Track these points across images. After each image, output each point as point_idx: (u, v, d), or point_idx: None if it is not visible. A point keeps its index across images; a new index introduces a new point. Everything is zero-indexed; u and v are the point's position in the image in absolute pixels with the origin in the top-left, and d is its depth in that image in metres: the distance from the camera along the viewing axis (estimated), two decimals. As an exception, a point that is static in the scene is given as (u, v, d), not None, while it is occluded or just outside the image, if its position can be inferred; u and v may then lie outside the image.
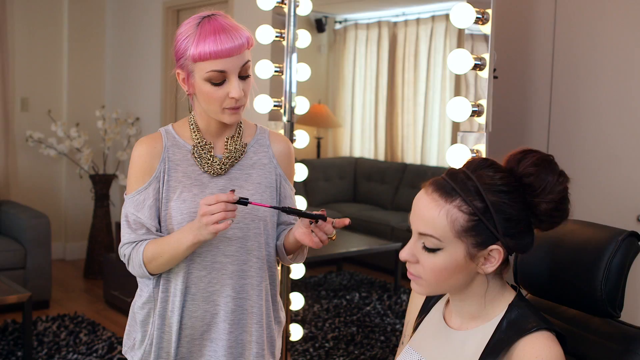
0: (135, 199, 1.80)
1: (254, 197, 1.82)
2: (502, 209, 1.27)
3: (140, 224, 1.79)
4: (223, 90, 1.72)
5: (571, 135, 2.86)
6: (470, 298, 1.36)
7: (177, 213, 1.78)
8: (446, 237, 1.29)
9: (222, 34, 1.69)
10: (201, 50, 1.68)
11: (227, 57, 1.69)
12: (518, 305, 1.33)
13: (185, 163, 1.81)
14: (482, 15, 2.28)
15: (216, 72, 1.70)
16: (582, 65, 2.82)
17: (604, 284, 1.36)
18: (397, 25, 6.00)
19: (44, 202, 6.03)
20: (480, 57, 2.30)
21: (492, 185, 1.27)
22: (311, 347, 4.10)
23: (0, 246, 4.79)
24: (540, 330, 1.28)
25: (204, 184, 1.80)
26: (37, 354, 4.01)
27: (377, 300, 4.96)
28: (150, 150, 1.81)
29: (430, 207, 1.30)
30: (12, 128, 5.84)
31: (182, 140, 1.84)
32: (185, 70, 1.74)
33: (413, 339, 1.48)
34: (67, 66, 6.20)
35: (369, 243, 5.61)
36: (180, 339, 1.83)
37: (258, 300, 1.85)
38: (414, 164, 5.90)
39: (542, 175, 1.28)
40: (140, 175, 1.80)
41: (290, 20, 2.85)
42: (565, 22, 2.87)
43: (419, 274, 1.34)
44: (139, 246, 1.79)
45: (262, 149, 1.89)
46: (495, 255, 1.29)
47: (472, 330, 1.35)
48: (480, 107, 2.31)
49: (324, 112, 6.37)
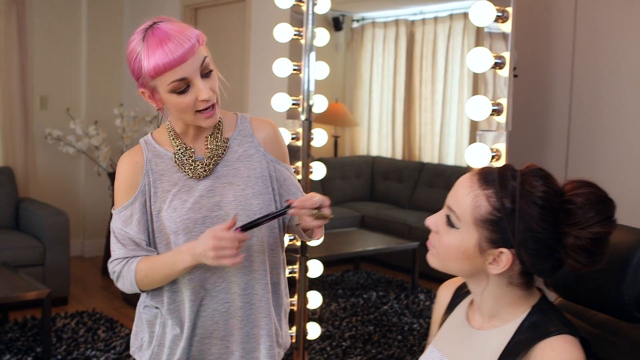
0: (122, 214, 1.78)
1: (245, 190, 1.78)
2: (528, 220, 1.24)
3: (129, 239, 1.78)
4: (191, 96, 1.67)
5: (592, 135, 2.83)
6: (485, 293, 1.35)
7: (170, 222, 1.76)
8: (465, 219, 1.29)
9: (169, 43, 1.63)
10: (154, 65, 1.62)
11: (181, 63, 1.63)
12: (541, 307, 1.32)
13: (169, 171, 1.79)
14: (502, 14, 2.26)
15: (177, 81, 1.64)
16: (603, 64, 2.80)
17: (631, 287, 1.33)
18: (414, 23, 5.98)
19: (62, 199, 6.07)
20: (500, 55, 2.28)
21: (530, 194, 1.25)
22: (328, 345, 4.10)
23: (20, 243, 4.83)
24: (562, 334, 1.25)
25: (192, 188, 1.77)
26: (55, 350, 4.04)
27: (395, 300, 4.95)
28: (131, 165, 1.79)
29: (465, 186, 1.31)
30: (32, 126, 5.88)
31: (163, 149, 1.81)
32: (148, 87, 1.70)
33: (437, 338, 1.48)
34: (85, 64, 6.24)
35: (386, 242, 5.60)
36: (191, 339, 1.81)
37: (264, 293, 1.83)
38: (432, 162, 5.88)
39: (586, 209, 1.24)
40: (125, 191, 1.79)
41: (309, 19, 2.85)
42: (585, 20, 2.84)
43: (435, 243, 1.36)
44: (130, 263, 1.78)
45: (246, 140, 1.84)
46: (504, 259, 1.28)
47: (494, 330, 1.34)
48: (499, 106, 2.30)
49: (341, 110, 6.36)
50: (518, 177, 1.28)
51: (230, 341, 1.83)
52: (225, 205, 1.77)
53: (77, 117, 6.07)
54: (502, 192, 1.26)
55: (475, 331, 1.38)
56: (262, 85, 4.71)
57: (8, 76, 5.71)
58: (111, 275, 1.85)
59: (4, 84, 5.71)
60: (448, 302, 1.53)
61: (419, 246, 5.17)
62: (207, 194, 1.77)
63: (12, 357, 3.91)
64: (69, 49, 6.19)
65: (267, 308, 1.84)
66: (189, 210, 1.75)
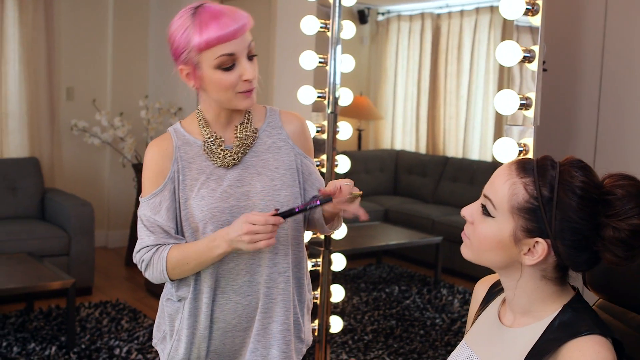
0: (151, 202, 1.78)
1: (273, 182, 1.78)
2: (567, 211, 1.23)
3: (158, 226, 1.77)
4: (234, 75, 1.70)
5: (620, 131, 2.80)
6: (518, 289, 1.33)
7: (197, 211, 1.76)
8: (501, 208, 1.28)
9: (223, 18, 1.66)
10: (207, 38, 1.65)
11: (233, 39, 1.66)
12: (574, 306, 1.29)
13: (198, 160, 1.79)
14: (532, 7, 2.24)
15: (226, 55, 1.67)
16: (633, 59, 2.76)
17: None
18: (440, 17, 5.94)
19: (87, 190, 6.12)
20: (529, 49, 2.26)
21: (569, 184, 1.24)
22: (350, 339, 4.10)
23: (45, 233, 4.88)
24: (593, 335, 1.22)
25: (220, 177, 1.78)
26: (79, 339, 4.08)
27: (417, 294, 4.94)
28: (161, 152, 1.79)
29: (503, 175, 1.30)
30: (58, 117, 5.93)
31: (192, 137, 1.81)
32: (190, 64, 1.71)
33: (469, 334, 1.47)
34: (111, 57, 6.28)
35: (409, 236, 5.58)
36: (212, 333, 1.82)
37: (286, 287, 1.83)
38: (456, 157, 5.85)
39: (625, 201, 1.22)
40: (155, 178, 1.79)
41: (336, 11, 2.83)
42: (616, 15, 2.80)
43: (470, 234, 1.35)
44: (162, 251, 1.77)
45: (276, 131, 1.85)
46: (539, 250, 1.26)
47: (524, 328, 1.32)
48: (528, 100, 2.27)
49: (365, 104, 6.34)
50: (557, 167, 1.26)
51: (248, 334, 1.84)
52: (254, 196, 1.77)
53: (103, 109, 6.11)
54: (540, 181, 1.25)
55: (506, 329, 1.36)
56: (287, 77, 4.70)
57: (35, 67, 5.76)
58: (139, 265, 1.84)
59: (31, 75, 5.76)
60: (482, 298, 1.51)
61: (442, 241, 5.14)
62: (236, 183, 1.77)
63: (37, 345, 3.96)
64: (95, 41, 6.23)
65: (287, 302, 1.84)
66: (217, 199, 1.75)
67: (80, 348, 3.95)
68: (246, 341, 1.84)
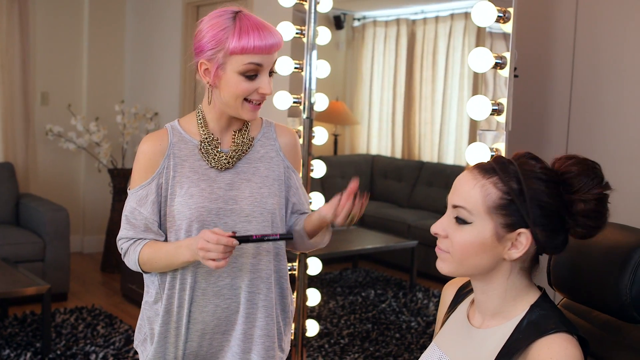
0: (138, 194, 1.82)
1: (262, 189, 1.83)
2: (538, 196, 1.28)
3: (142, 220, 1.82)
4: (253, 85, 1.75)
5: (592, 135, 2.85)
6: (493, 291, 1.35)
7: (184, 208, 1.79)
8: (477, 211, 1.30)
9: (264, 30, 1.74)
10: (245, 44, 1.71)
11: (268, 53, 1.73)
12: (540, 306, 1.32)
13: (192, 158, 1.83)
14: (503, 14, 2.28)
15: (254, 64, 1.73)
16: (603, 64, 2.81)
17: (630, 288, 1.33)
18: (415, 23, 5.99)
19: (62, 195, 6.09)
20: (501, 55, 2.30)
21: (532, 172, 1.30)
22: (326, 343, 4.12)
23: (20, 238, 4.84)
24: (560, 332, 1.26)
25: (212, 178, 1.82)
26: (55, 345, 4.06)
27: (393, 298, 4.97)
28: (155, 147, 1.83)
29: (468, 181, 1.33)
30: (32, 122, 5.90)
31: (188, 135, 1.85)
32: (215, 61, 1.75)
33: (438, 336, 1.49)
34: (87, 61, 6.25)
35: (385, 240, 5.62)
36: (189, 334, 1.84)
37: (268, 293, 1.86)
38: (431, 162, 5.89)
39: (582, 176, 1.30)
40: (144, 172, 1.83)
41: (311, 17, 2.86)
42: (586, 21, 2.86)
43: (447, 248, 1.35)
44: (137, 245, 1.83)
45: (269, 142, 1.90)
46: (523, 240, 1.29)
47: (493, 328, 1.35)
48: (500, 106, 2.31)
49: (341, 109, 6.37)
50: (514, 162, 1.32)
51: (229, 338, 1.86)
52: (241, 201, 1.81)
53: (78, 114, 6.08)
54: (505, 177, 1.30)
55: (475, 330, 1.39)
56: (263, 83, 4.71)
57: (9, 72, 5.72)
58: (119, 250, 1.90)
59: (6, 80, 5.73)
60: (451, 300, 1.54)
61: (417, 245, 5.18)
62: (225, 186, 1.81)
63: (12, 352, 3.93)
64: (70, 46, 6.20)
65: (269, 308, 1.87)
66: (205, 199, 1.79)
67: (56, 354, 3.92)
68: (224, 345, 1.86)
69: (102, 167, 6.04)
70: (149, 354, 1.88)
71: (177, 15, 5.72)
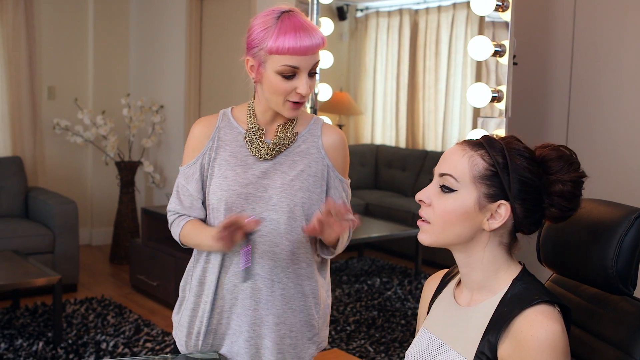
0: (186, 171, 1.95)
1: (294, 182, 1.88)
2: (520, 171, 1.36)
3: (189, 195, 1.94)
4: (291, 85, 1.80)
5: (591, 119, 2.89)
6: (474, 263, 1.42)
7: (217, 188, 1.89)
8: (463, 180, 1.38)
9: (302, 32, 1.77)
10: (280, 45, 1.75)
11: (303, 55, 1.77)
12: (522, 279, 1.39)
13: (234, 144, 1.92)
14: (502, 3, 2.32)
15: (289, 67, 1.77)
16: (601, 51, 2.85)
17: (615, 261, 1.39)
18: (418, 12, 6.02)
19: (70, 188, 6.15)
20: (500, 43, 2.34)
21: (516, 150, 1.38)
22: (333, 330, 4.17)
23: (30, 231, 4.91)
24: (542, 304, 1.32)
25: (248, 164, 1.89)
26: (66, 334, 4.13)
27: (398, 285, 5.02)
28: (202, 130, 1.95)
29: (457, 151, 1.40)
30: (40, 116, 5.96)
31: (236, 123, 1.94)
32: (257, 59, 1.81)
33: (427, 320, 1.54)
34: (92, 55, 6.30)
35: (390, 229, 5.66)
36: (212, 310, 1.93)
37: (287, 282, 1.91)
38: (435, 151, 5.93)
39: (560, 161, 1.38)
40: (191, 152, 1.96)
41: (314, 8, 2.91)
42: (585, 8, 2.89)
43: (429, 217, 1.42)
44: (181, 221, 1.96)
45: (312, 139, 1.94)
46: (502, 211, 1.36)
47: (479, 305, 1.41)
48: (500, 93, 2.36)
49: (345, 99, 6.41)
50: (501, 141, 1.41)
51: (242, 320, 1.92)
52: (271, 190, 1.87)
53: (85, 107, 6.14)
54: (492, 151, 1.38)
55: (462, 309, 1.45)
56: (267, 74, 4.76)
57: (16, 67, 5.78)
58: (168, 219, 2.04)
59: (13, 75, 5.78)
60: (434, 291, 1.59)
61: (422, 233, 5.22)
62: (259, 174, 1.89)
63: (24, 341, 4.00)
64: (76, 40, 6.25)
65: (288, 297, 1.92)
66: (237, 183, 1.88)
67: (67, 343, 3.99)
68: (241, 326, 1.93)
69: (109, 160, 6.10)
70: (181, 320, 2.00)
71: (181, 8, 5.77)
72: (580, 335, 1.48)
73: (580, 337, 1.48)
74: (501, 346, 1.32)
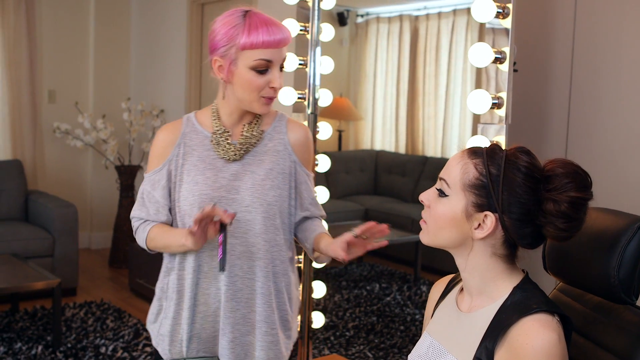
0: (151, 178, 1.95)
1: (265, 182, 1.90)
2: (512, 186, 1.34)
3: (154, 202, 1.94)
4: (264, 79, 1.83)
5: (591, 126, 2.90)
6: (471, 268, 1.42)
7: (189, 194, 1.89)
8: (455, 186, 1.39)
9: (272, 26, 1.81)
10: (254, 39, 1.79)
11: (276, 47, 1.81)
12: (522, 287, 1.38)
13: (201, 148, 1.92)
14: (502, 10, 2.33)
15: (264, 60, 1.81)
16: (602, 58, 2.86)
17: (618, 270, 1.39)
18: (418, 19, 6.03)
19: (70, 192, 6.15)
20: (500, 50, 2.35)
21: (514, 163, 1.35)
22: (332, 335, 4.18)
23: (29, 234, 4.91)
24: (540, 313, 1.31)
25: (218, 167, 1.90)
26: (65, 338, 4.13)
27: (397, 291, 5.03)
28: (167, 136, 1.95)
29: (456, 158, 1.42)
30: (40, 119, 5.96)
31: (201, 127, 1.95)
32: (227, 58, 1.83)
33: (429, 325, 1.55)
34: (93, 59, 6.31)
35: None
36: (194, 315, 1.93)
37: (266, 281, 1.93)
38: (435, 156, 5.94)
39: (563, 177, 1.33)
40: (157, 159, 1.95)
41: (315, 14, 2.91)
42: (585, 15, 2.90)
43: (427, 218, 1.45)
44: (146, 226, 1.95)
45: (278, 136, 1.96)
46: (488, 223, 1.36)
47: (479, 311, 1.41)
48: (500, 100, 2.36)
49: (345, 105, 6.42)
50: (504, 151, 1.39)
51: (226, 322, 1.93)
52: (243, 191, 1.89)
53: (85, 111, 6.15)
54: (488, 161, 1.37)
55: (464, 314, 1.45)
56: (267, 79, 4.77)
57: (17, 70, 5.78)
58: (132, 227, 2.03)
59: (13, 78, 5.79)
60: (439, 295, 1.60)
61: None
62: (230, 176, 1.90)
63: (23, 345, 4.00)
64: (77, 44, 6.27)
65: (267, 295, 1.94)
66: (208, 187, 1.88)
67: (66, 347, 3.99)
68: (225, 328, 1.94)
69: (109, 164, 6.11)
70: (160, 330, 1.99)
71: (182, 13, 5.78)
72: (583, 344, 1.48)
73: (583, 345, 1.48)
74: (498, 353, 1.32)
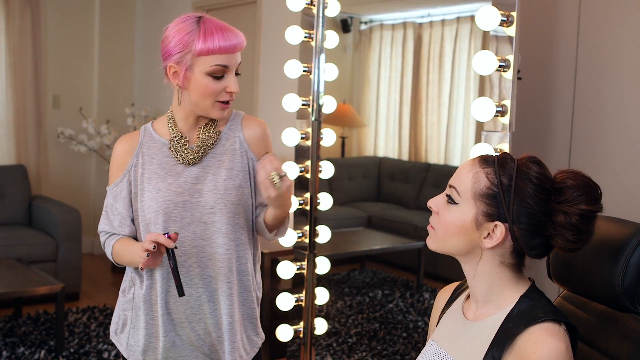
0: (113, 190, 1.95)
1: (227, 182, 1.90)
2: (522, 196, 1.34)
3: (118, 214, 1.94)
4: (220, 85, 1.84)
5: (594, 135, 2.90)
6: (478, 276, 1.42)
7: (152, 202, 1.89)
8: (465, 195, 1.39)
9: (227, 32, 1.82)
10: (210, 45, 1.79)
11: (232, 52, 1.82)
12: (529, 296, 1.38)
13: (160, 155, 1.93)
14: (507, 18, 2.33)
15: (220, 66, 1.82)
16: (605, 66, 2.86)
17: (622, 278, 1.39)
18: (422, 26, 6.03)
19: (74, 197, 6.16)
20: (504, 58, 2.35)
21: (526, 174, 1.36)
22: (335, 342, 4.17)
23: (33, 239, 4.92)
24: (547, 322, 1.31)
25: (178, 173, 1.91)
26: (68, 343, 4.13)
27: (400, 298, 5.02)
28: (125, 147, 1.95)
29: (467, 166, 1.42)
30: (44, 125, 5.98)
31: (158, 135, 1.95)
32: (183, 64, 1.83)
33: (435, 332, 1.55)
34: (97, 64, 6.33)
35: (392, 242, 5.66)
36: (169, 323, 1.93)
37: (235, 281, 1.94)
38: (438, 164, 5.93)
39: (574, 189, 1.33)
40: (116, 169, 1.95)
41: (319, 22, 2.92)
42: (589, 24, 2.91)
43: (435, 224, 1.45)
44: (111, 240, 1.97)
45: (234, 135, 1.97)
46: (498, 233, 1.36)
47: (486, 319, 1.41)
48: (504, 108, 2.37)
49: (348, 111, 6.42)
50: (516, 161, 1.39)
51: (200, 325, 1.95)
52: (206, 193, 1.89)
53: (89, 116, 6.16)
54: (500, 171, 1.37)
55: (469, 323, 1.45)
56: (272, 86, 4.78)
57: (22, 75, 5.80)
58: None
59: (18, 83, 5.81)
60: (445, 303, 1.60)
61: (424, 246, 5.21)
62: (192, 180, 1.90)
63: (26, 350, 4.00)
64: (81, 49, 6.29)
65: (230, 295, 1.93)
66: (172, 193, 1.88)
67: (69, 352, 3.99)
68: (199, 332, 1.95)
69: (112, 169, 6.10)
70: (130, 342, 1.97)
71: (186, 19, 5.78)
72: (588, 352, 1.48)
73: (588, 354, 1.48)
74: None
